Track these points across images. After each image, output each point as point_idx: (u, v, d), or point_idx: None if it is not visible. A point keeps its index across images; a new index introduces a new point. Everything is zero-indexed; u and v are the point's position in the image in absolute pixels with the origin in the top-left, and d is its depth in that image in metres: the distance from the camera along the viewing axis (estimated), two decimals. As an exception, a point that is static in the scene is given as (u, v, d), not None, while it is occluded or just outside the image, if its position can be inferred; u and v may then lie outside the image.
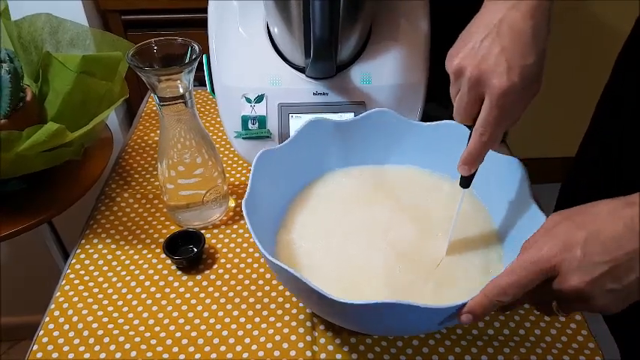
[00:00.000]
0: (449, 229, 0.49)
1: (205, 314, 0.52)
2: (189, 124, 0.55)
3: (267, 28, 0.66)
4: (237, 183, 0.69)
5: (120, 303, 0.53)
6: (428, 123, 0.58)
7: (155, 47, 0.51)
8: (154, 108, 0.83)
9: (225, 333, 0.50)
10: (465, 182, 0.46)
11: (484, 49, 0.39)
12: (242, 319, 0.51)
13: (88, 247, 0.59)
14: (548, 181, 0.48)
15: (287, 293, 0.54)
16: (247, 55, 0.66)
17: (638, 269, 0.33)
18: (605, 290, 0.34)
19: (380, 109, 0.58)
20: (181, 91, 0.51)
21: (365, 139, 0.59)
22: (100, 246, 0.59)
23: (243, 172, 0.71)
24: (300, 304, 0.53)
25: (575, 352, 0.49)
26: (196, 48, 0.50)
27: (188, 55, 0.50)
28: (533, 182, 0.49)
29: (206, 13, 0.67)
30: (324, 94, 0.65)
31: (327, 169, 0.60)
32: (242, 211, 0.63)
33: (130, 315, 0.52)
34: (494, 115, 0.39)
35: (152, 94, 0.52)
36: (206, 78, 0.67)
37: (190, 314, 0.52)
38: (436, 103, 0.68)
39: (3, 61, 0.56)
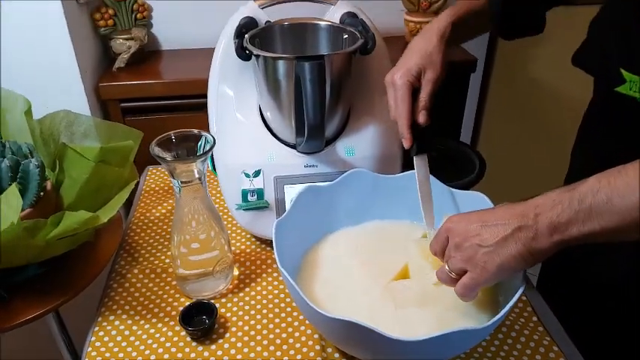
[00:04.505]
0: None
1: (225, 380, 0.55)
2: (203, 201, 0.61)
3: (260, 111, 0.75)
4: (238, 252, 0.74)
5: (142, 376, 0.56)
6: (394, 175, 0.68)
7: (174, 138, 0.57)
8: (152, 185, 0.88)
9: (245, 397, 0.54)
10: (417, 150, 0.64)
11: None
12: (259, 383, 0.55)
13: (105, 324, 0.62)
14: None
15: (298, 357, 0.58)
16: (244, 136, 0.73)
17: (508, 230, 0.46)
18: (487, 228, 0.47)
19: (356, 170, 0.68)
20: (196, 175, 0.58)
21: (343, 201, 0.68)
22: (116, 322, 0.63)
23: (243, 240, 0.76)
24: (312, 363, 0.57)
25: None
26: (210, 139, 0.57)
27: (202, 145, 0.57)
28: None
29: (197, 98, 0.75)
30: (314, 166, 0.73)
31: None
32: (246, 279, 0.69)
33: (153, 387, 0.55)
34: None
35: (171, 179, 0.58)
36: (208, 158, 0.74)
37: (211, 381, 0.55)
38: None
39: (25, 155, 0.61)
